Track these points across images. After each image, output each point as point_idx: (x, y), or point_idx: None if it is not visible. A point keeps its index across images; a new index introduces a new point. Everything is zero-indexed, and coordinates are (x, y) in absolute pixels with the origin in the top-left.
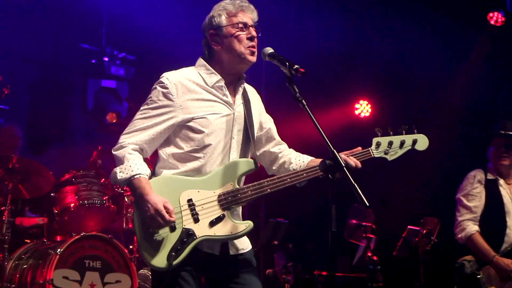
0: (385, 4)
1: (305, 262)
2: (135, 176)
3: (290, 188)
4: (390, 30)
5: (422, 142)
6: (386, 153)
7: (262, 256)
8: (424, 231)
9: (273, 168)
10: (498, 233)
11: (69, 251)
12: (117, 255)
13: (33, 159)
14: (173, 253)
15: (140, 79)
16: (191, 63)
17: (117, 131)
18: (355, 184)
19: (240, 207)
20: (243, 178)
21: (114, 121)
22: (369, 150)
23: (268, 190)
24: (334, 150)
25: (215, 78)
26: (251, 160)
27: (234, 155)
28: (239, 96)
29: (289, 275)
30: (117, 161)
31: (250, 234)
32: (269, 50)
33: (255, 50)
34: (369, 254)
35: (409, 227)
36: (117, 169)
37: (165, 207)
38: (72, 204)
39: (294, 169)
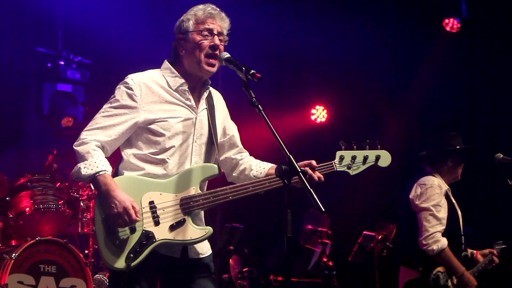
0: (342, 9)
1: (260, 267)
2: (100, 173)
3: None
4: (346, 35)
5: (385, 159)
6: (349, 168)
7: (218, 261)
8: (380, 237)
9: (234, 174)
10: (458, 244)
11: (24, 255)
12: (72, 260)
13: None
14: (132, 255)
15: (96, 83)
16: (147, 67)
17: (73, 135)
18: (311, 189)
19: (202, 211)
20: (206, 183)
21: (70, 125)
22: (332, 164)
23: (230, 197)
24: (290, 155)
25: (179, 81)
26: (214, 165)
27: (196, 159)
28: (203, 101)
29: (244, 280)
30: (80, 157)
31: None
32: (226, 55)
33: (214, 62)
34: (325, 259)
35: (364, 232)
36: (81, 165)
37: (132, 206)
38: (27, 209)
39: (254, 176)
